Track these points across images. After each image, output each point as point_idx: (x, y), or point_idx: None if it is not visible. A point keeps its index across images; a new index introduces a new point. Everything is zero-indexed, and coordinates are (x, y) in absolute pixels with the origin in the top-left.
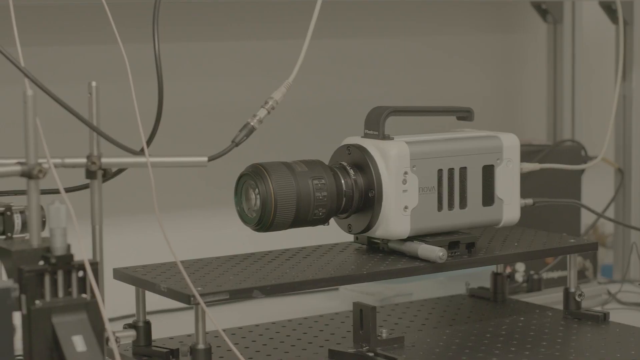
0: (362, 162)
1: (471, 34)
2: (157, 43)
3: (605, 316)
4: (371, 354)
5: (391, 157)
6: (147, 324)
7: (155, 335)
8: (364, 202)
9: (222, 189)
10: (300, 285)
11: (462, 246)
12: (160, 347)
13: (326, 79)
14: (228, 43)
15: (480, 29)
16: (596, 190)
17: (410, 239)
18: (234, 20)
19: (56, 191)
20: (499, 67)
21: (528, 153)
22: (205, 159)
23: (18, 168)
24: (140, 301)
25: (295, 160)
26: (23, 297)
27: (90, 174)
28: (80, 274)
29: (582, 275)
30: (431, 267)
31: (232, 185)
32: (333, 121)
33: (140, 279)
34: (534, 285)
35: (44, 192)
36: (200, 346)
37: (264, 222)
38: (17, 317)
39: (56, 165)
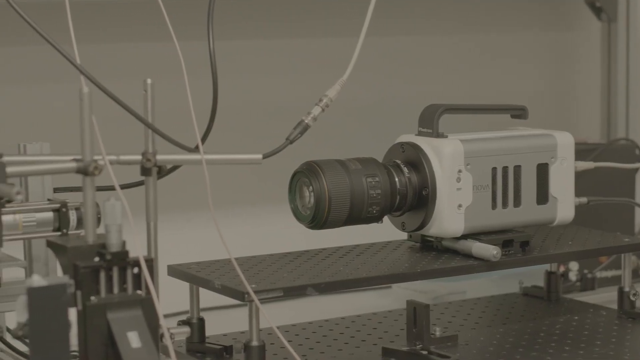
0: (416, 160)
1: (525, 32)
2: (211, 40)
3: None
4: (424, 352)
5: (445, 155)
6: (201, 321)
7: (209, 332)
8: (417, 200)
9: (276, 187)
10: (353, 283)
11: (516, 245)
12: (213, 344)
13: (380, 77)
14: (283, 40)
15: (534, 27)
16: None
17: (464, 237)
18: (289, 18)
19: (111, 188)
20: (553, 65)
21: (582, 151)
22: (260, 156)
23: (74, 165)
24: (195, 298)
25: (349, 158)
26: (78, 293)
27: (145, 171)
28: (135, 270)
29: (636, 275)
30: (485, 265)
31: (286, 183)
32: (387, 119)
33: (194, 275)
34: (587, 284)
35: (100, 188)
36: (254, 343)
37: (317, 220)
38: (72, 313)
39: (111, 162)
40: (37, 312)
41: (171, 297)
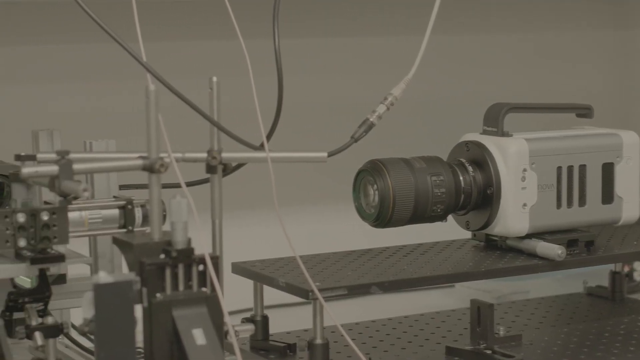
0: (480, 159)
1: (589, 30)
2: (277, 38)
3: None
4: (488, 352)
5: (510, 154)
6: (265, 318)
7: (272, 329)
8: (482, 199)
9: (340, 185)
10: (418, 282)
11: (580, 244)
12: (277, 342)
13: (445, 75)
14: (348, 39)
15: (598, 25)
16: None
17: (529, 236)
18: (354, 16)
19: (177, 185)
20: (617, 63)
21: None
22: (325, 154)
23: (140, 162)
24: (258, 295)
25: (414, 156)
26: (144, 290)
27: (211, 169)
28: (201, 267)
29: None
30: (549, 265)
31: (351, 181)
32: (451, 117)
33: (258, 273)
34: None
35: (165, 186)
36: (318, 341)
37: (382, 218)
38: (137, 310)
39: (177, 160)
40: (103, 308)
41: (235, 295)
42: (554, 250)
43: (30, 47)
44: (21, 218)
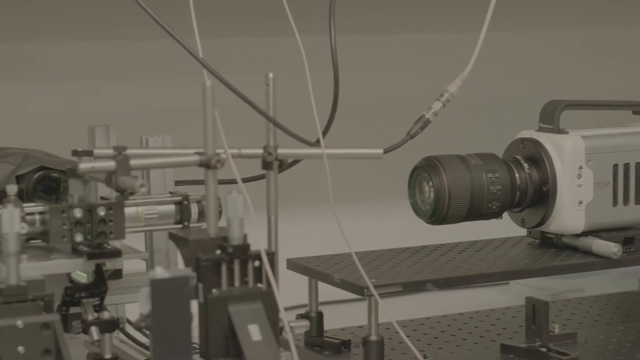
0: (536, 156)
1: None
2: (333, 35)
3: None
4: (544, 350)
5: (566, 151)
6: (320, 315)
7: (327, 326)
8: (538, 196)
9: (396, 182)
10: (473, 279)
11: (637, 242)
12: (332, 338)
13: (501, 72)
14: (404, 35)
15: None
16: None
17: (584, 234)
18: (410, 13)
19: (233, 181)
20: None
21: None
22: (381, 151)
23: (196, 158)
24: (313, 292)
25: (470, 153)
26: (200, 285)
27: (267, 165)
28: (256, 263)
29: None
30: (605, 262)
31: (406, 178)
32: (507, 114)
33: (313, 269)
34: None
35: (222, 182)
36: (373, 337)
37: (437, 215)
38: (193, 306)
39: (233, 156)
40: (159, 304)
41: (289, 291)
42: (609, 248)
43: (87, 44)
44: (78, 213)
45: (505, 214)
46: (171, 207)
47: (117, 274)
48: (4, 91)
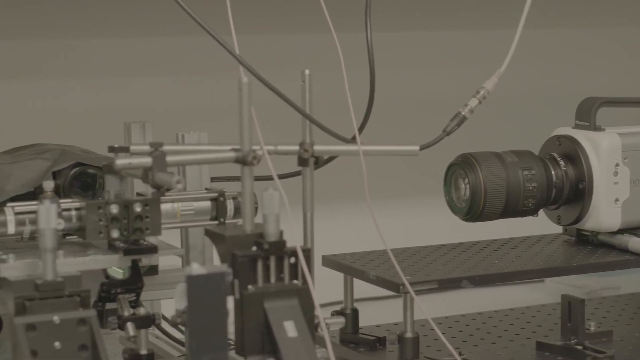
0: (572, 153)
1: None
2: (369, 32)
3: None
4: (579, 347)
5: (603, 148)
6: (355, 312)
7: (362, 322)
8: (574, 194)
9: (431, 178)
10: (509, 276)
11: None
12: (367, 335)
13: (537, 69)
14: (441, 32)
15: None
16: None
17: (621, 231)
18: (446, 10)
19: (269, 178)
20: None
21: None
22: (417, 147)
23: (233, 154)
24: (349, 288)
25: (506, 150)
26: (236, 282)
27: (303, 161)
28: (292, 260)
29: None
30: None
31: (442, 175)
32: (543, 111)
33: (349, 266)
34: None
35: (258, 178)
36: (408, 334)
37: (473, 212)
38: (229, 302)
39: (269, 152)
40: (195, 300)
41: (324, 287)
42: None
43: (124, 40)
44: (114, 209)
45: (541, 211)
46: (207, 204)
47: (153, 270)
48: (41, 88)
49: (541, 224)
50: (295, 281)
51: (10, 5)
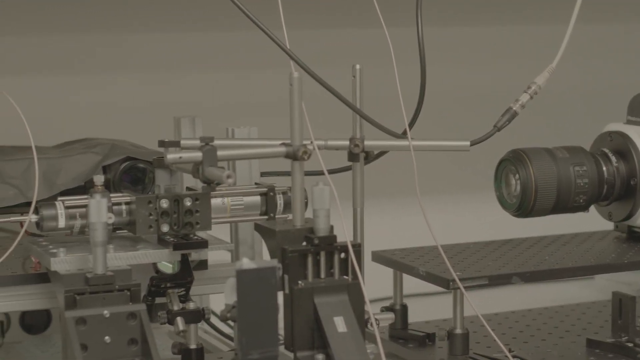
0: (624, 149)
1: None
2: (420, 26)
3: None
4: (630, 345)
5: None
6: (404, 307)
7: (411, 319)
8: (625, 190)
9: (482, 174)
10: (559, 273)
11: None
12: (416, 331)
13: (589, 65)
14: (492, 27)
15: None
16: None
17: None
18: (497, 5)
19: (319, 173)
20: None
21: None
22: (468, 143)
23: (283, 149)
24: (398, 284)
25: (557, 146)
26: (286, 277)
27: (353, 157)
28: (342, 255)
29: None
30: None
31: (492, 170)
32: (595, 107)
33: (398, 262)
34: None
35: (308, 173)
36: (458, 331)
37: (523, 208)
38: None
39: (320, 147)
40: (245, 294)
41: (373, 283)
42: None
43: (174, 34)
44: (164, 204)
45: (592, 207)
46: (257, 198)
47: (203, 264)
48: (91, 82)
49: (590, 220)
50: (345, 276)
51: (61, 2)
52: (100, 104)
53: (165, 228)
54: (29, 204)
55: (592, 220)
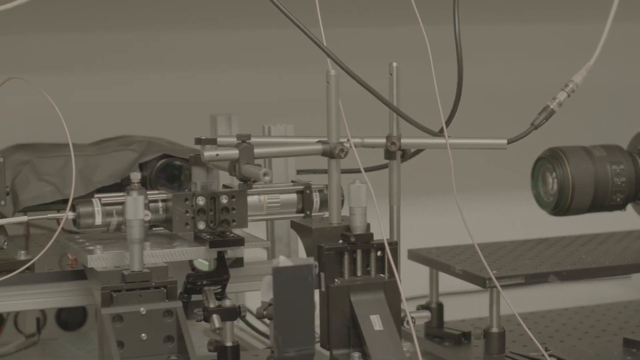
0: None
1: None
2: (457, 24)
3: None
4: None
5: None
6: (440, 306)
7: (447, 317)
8: None
9: (518, 172)
10: (596, 272)
11: None
12: (452, 329)
13: (625, 63)
14: (529, 25)
15: None
16: None
17: None
18: (534, 3)
19: (356, 171)
20: None
21: None
22: (505, 141)
23: (320, 147)
24: (434, 282)
25: (594, 144)
26: (322, 274)
27: (390, 154)
28: (379, 253)
29: None
30: None
31: (529, 169)
32: (632, 105)
33: (435, 260)
34: None
35: (344, 171)
36: (494, 329)
37: (560, 207)
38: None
39: (356, 145)
40: (282, 292)
41: (409, 281)
42: None
43: (210, 32)
44: (201, 201)
45: (629, 206)
46: (293, 196)
47: (239, 262)
48: (128, 80)
49: (627, 219)
50: (381, 275)
51: (98, 1)
52: (137, 102)
53: (201, 225)
54: (65, 201)
55: (629, 219)
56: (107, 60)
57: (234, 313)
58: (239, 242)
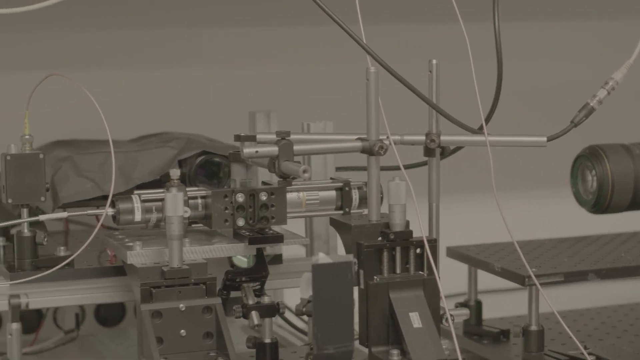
0: None
1: None
2: (497, 22)
3: None
4: None
5: None
6: (479, 304)
7: (485, 315)
8: None
9: (558, 170)
10: (636, 270)
11: None
12: (491, 327)
13: None
14: (569, 22)
15: None
16: None
17: None
18: (572, 1)
19: (395, 168)
20: None
21: None
22: (545, 139)
23: (359, 144)
24: (473, 280)
25: (634, 142)
26: (361, 272)
27: (429, 152)
28: (418, 251)
29: None
30: None
31: (569, 167)
32: None
33: (474, 257)
34: None
35: (384, 168)
36: (533, 327)
37: (600, 205)
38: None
39: (396, 143)
40: (321, 289)
41: (448, 279)
42: None
43: (250, 29)
44: (240, 198)
45: None
46: (332, 193)
47: (277, 259)
48: (168, 77)
49: None
50: (420, 272)
51: None
52: (176, 99)
53: (240, 222)
54: (105, 197)
55: None
56: (148, 57)
57: (273, 310)
58: (278, 239)
